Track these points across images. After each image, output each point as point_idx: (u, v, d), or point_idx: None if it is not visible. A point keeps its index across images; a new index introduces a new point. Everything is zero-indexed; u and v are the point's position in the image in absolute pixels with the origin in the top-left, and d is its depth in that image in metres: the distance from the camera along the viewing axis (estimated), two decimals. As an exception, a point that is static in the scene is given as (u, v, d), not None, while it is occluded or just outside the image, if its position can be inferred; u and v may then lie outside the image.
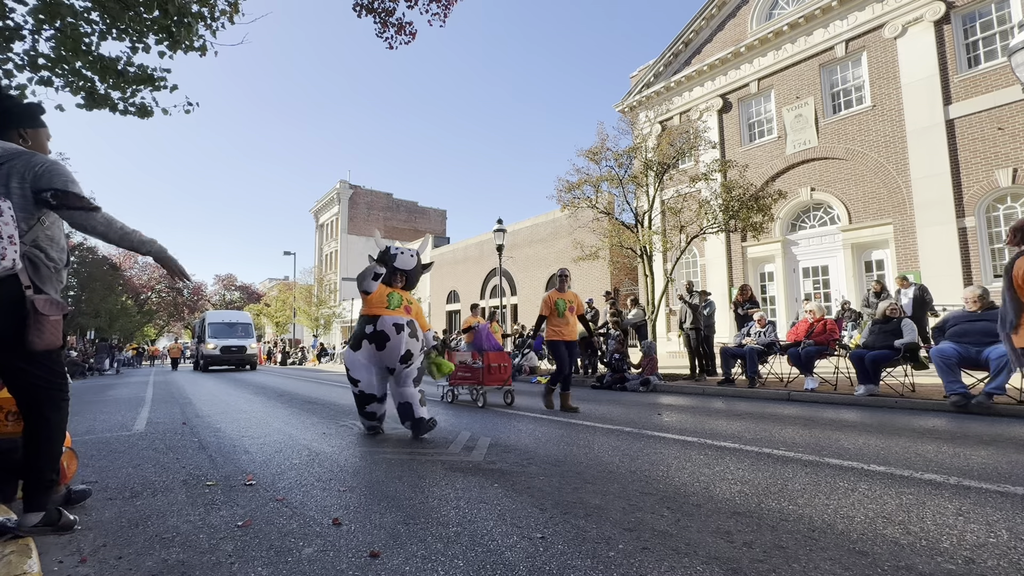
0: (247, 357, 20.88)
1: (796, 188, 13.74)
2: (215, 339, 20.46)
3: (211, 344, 20.14)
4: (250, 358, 21.03)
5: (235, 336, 21.19)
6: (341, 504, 2.48)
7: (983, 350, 4.93)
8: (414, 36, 6.04)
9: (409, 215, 48.32)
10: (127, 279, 35.99)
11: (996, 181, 10.62)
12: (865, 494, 2.49)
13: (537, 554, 1.84)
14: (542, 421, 5.11)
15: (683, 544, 1.91)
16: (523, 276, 22.53)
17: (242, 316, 23.35)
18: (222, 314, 23.18)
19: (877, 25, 12.55)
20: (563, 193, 11.74)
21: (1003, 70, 10.55)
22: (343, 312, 35.22)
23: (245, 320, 22.97)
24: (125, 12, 4.60)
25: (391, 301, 4.32)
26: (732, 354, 7.91)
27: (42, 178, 2.00)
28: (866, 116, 12.69)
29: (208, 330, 21.06)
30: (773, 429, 4.40)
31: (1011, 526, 2.03)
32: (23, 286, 1.96)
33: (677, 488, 2.66)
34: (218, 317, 22.55)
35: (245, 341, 21.16)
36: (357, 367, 4.27)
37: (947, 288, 10.53)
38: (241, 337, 21.35)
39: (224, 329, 21.36)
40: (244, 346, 20.79)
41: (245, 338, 21.50)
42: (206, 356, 20.14)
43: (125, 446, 4.19)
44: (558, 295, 6.03)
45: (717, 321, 9.98)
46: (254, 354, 21.53)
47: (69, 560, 1.88)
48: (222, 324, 21.70)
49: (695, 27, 16.31)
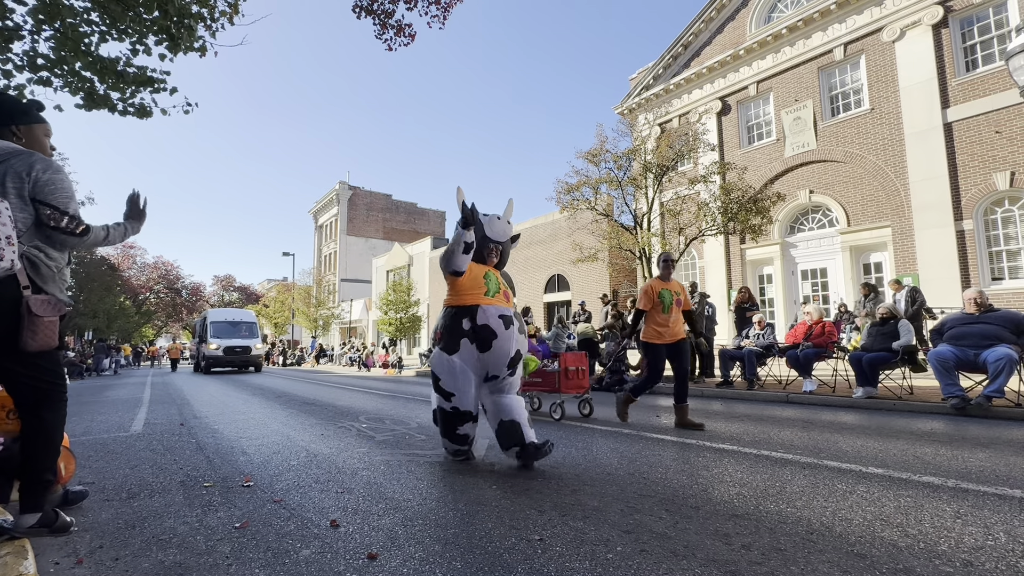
0: (252, 358, 19.69)
1: (795, 190, 13.77)
2: (218, 339, 19.30)
3: (213, 344, 18.99)
4: (255, 359, 19.83)
5: (239, 336, 19.98)
6: (339, 505, 2.47)
7: (981, 353, 4.94)
8: (413, 38, 6.05)
9: (408, 216, 48.34)
10: (125, 280, 35.92)
11: (994, 184, 10.65)
12: (863, 496, 2.49)
13: (535, 556, 1.84)
14: (540, 423, 5.10)
15: (681, 546, 1.91)
16: (522, 277, 22.53)
17: (246, 315, 22.01)
18: (225, 312, 21.79)
19: (875, 29, 12.60)
20: (562, 195, 11.76)
21: (1001, 74, 10.59)
22: (342, 313, 35.21)
23: (249, 319, 21.65)
24: (125, 13, 4.60)
25: (489, 285, 3.26)
26: (731, 356, 7.91)
27: (44, 189, 2.00)
28: (864, 119, 12.73)
29: (210, 329, 19.80)
30: (771, 431, 4.40)
31: (1009, 529, 2.03)
32: (21, 286, 1.95)
33: (675, 490, 2.65)
34: (221, 315, 21.20)
35: (249, 341, 19.96)
36: (454, 375, 3.17)
37: (945, 291, 10.55)
38: (245, 337, 20.14)
39: (227, 328, 20.14)
40: (248, 346, 19.60)
41: (249, 338, 20.27)
42: (208, 357, 19.01)
43: (123, 447, 4.18)
44: (662, 284, 4.78)
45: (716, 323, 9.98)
46: (259, 355, 20.28)
47: (65, 562, 1.87)
48: (225, 323, 20.43)
49: (694, 30, 16.35)
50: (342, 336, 36.88)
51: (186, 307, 46.05)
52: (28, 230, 2.02)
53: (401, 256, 32.24)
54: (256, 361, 19.85)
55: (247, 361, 19.45)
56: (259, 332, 21.53)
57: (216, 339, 19.31)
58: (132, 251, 40.49)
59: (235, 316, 21.38)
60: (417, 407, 6.71)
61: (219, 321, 20.49)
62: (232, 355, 19.10)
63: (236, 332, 20.12)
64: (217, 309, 22.57)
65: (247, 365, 19.63)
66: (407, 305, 27.20)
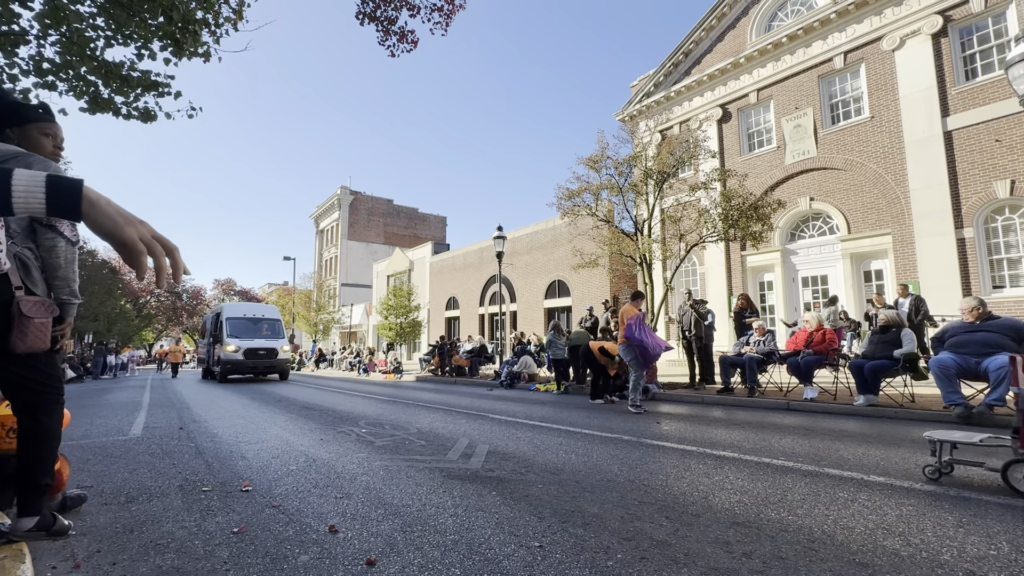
0: (278, 363, 15.67)
1: (795, 198, 13.80)
2: (236, 339, 15.30)
3: (231, 346, 14.97)
4: (281, 365, 15.81)
5: (260, 335, 16.08)
6: (338, 511, 2.46)
7: (982, 361, 4.93)
8: (416, 45, 6.09)
9: (409, 221, 48.47)
10: (126, 283, 35.96)
11: (994, 192, 10.67)
12: (865, 504, 2.47)
13: (535, 563, 1.83)
14: (541, 429, 5.09)
15: (682, 554, 1.89)
16: (523, 283, 22.55)
17: (269, 310, 17.75)
18: (243, 307, 17.84)
19: (875, 38, 12.68)
20: (563, 201, 11.77)
21: (1000, 82, 10.64)
22: (342, 318, 35.20)
23: (272, 315, 17.37)
24: (131, 18, 4.64)
25: None
26: (731, 363, 7.90)
27: None
28: (865, 127, 12.77)
29: (226, 327, 15.65)
30: (772, 438, 4.38)
31: (1012, 538, 2.02)
32: (13, 287, 1.95)
33: (676, 497, 2.64)
34: (238, 310, 17.13)
35: (275, 342, 15.99)
36: None
37: (945, 299, 10.53)
38: (268, 337, 16.21)
39: (246, 326, 16.12)
40: (274, 348, 15.66)
41: (273, 338, 16.34)
42: (225, 362, 14.86)
43: (121, 451, 4.16)
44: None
45: (715, 330, 9.97)
46: (287, 359, 16.27)
47: (63, 566, 1.86)
48: (244, 320, 16.34)
49: (695, 38, 16.46)
50: (342, 341, 36.86)
51: (186, 311, 46.09)
52: (22, 231, 2.01)
53: (402, 261, 32.29)
54: (283, 367, 15.92)
55: (272, 366, 15.63)
56: (284, 331, 17.34)
57: (234, 339, 15.29)
58: (133, 254, 40.44)
59: (256, 311, 17.35)
60: (417, 412, 6.70)
61: (236, 317, 16.37)
62: (255, 359, 15.18)
63: (257, 331, 16.22)
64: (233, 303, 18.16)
65: (272, 371, 15.80)
66: (407, 310, 27.20)
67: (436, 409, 6.96)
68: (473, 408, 7.05)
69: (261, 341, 15.66)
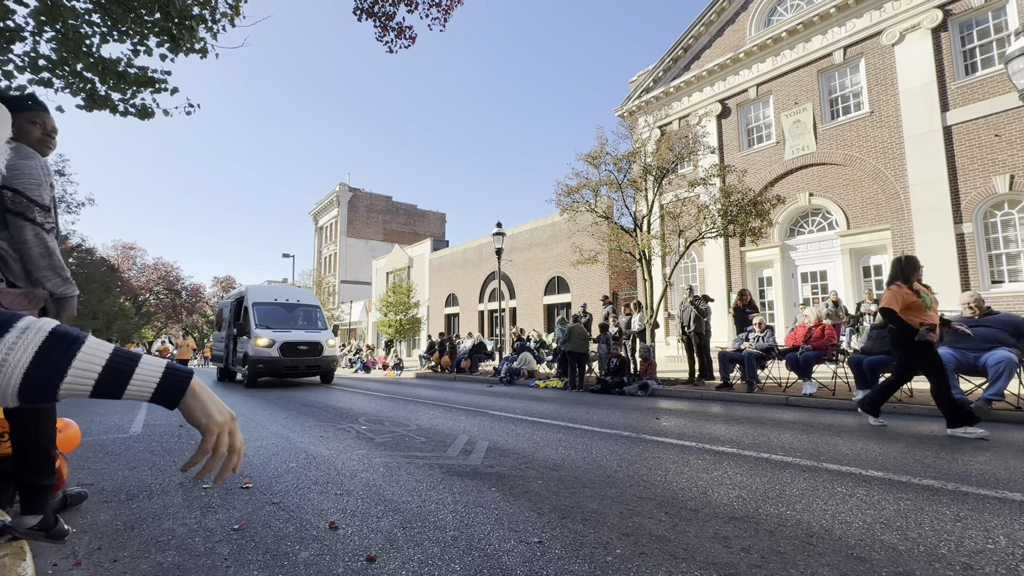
0: (322, 362, 11.92)
1: (794, 193, 13.78)
2: (269, 330, 11.43)
3: (263, 339, 11.09)
4: (326, 364, 12.08)
5: (297, 326, 12.30)
6: (338, 508, 2.47)
7: (980, 356, 4.94)
8: (414, 40, 6.06)
9: (408, 218, 48.41)
10: (125, 281, 35.94)
11: (993, 187, 10.66)
12: (863, 499, 2.49)
13: (534, 559, 1.83)
14: (540, 425, 5.10)
15: (680, 549, 1.90)
16: (522, 279, 22.54)
17: (304, 294, 13.82)
18: (272, 290, 13.23)
19: (875, 32, 12.63)
20: (562, 197, 11.76)
21: (1000, 77, 10.61)
22: (341, 315, 35.19)
23: (309, 300, 13.49)
24: (127, 14, 4.61)
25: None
26: (731, 358, 7.91)
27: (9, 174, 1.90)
28: (864, 122, 12.75)
29: (253, 315, 11.71)
30: (771, 434, 4.39)
31: (1009, 532, 2.03)
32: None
33: (675, 493, 2.65)
34: (267, 294, 12.78)
35: (318, 334, 12.13)
36: None
37: (945, 294, 10.53)
38: (306, 328, 12.34)
39: (279, 314, 12.27)
40: (318, 343, 11.83)
41: (314, 329, 12.47)
42: (256, 360, 10.96)
43: (121, 448, 4.17)
44: None
45: (713, 325, 9.99)
46: (333, 356, 12.47)
47: (64, 563, 1.87)
48: (274, 305, 12.44)
49: (694, 33, 16.39)
50: (342, 338, 36.86)
51: (185, 308, 46.06)
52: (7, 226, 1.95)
53: (401, 258, 32.26)
54: (328, 366, 12.18)
55: (316, 366, 11.86)
56: (325, 319, 13.40)
57: (266, 331, 11.40)
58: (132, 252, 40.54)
59: (289, 295, 13.18)
60: (416, 409, 6.71)
61: (266, 303, 12.35)
62: (295, 356, 11.36)
63: (292, 320, 12.45)
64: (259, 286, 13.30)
65: (315, 372, 12.04)
66: (407, 307, 27.20)
67: (436, 406, 6.97)
68: (473, 404, 7.06)
69: (301, 333, 11.85)
